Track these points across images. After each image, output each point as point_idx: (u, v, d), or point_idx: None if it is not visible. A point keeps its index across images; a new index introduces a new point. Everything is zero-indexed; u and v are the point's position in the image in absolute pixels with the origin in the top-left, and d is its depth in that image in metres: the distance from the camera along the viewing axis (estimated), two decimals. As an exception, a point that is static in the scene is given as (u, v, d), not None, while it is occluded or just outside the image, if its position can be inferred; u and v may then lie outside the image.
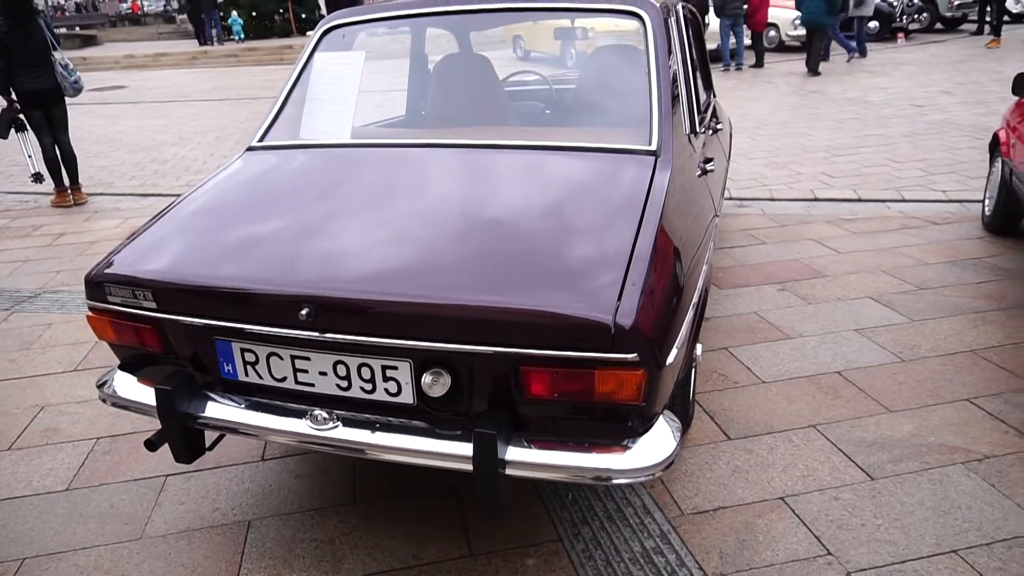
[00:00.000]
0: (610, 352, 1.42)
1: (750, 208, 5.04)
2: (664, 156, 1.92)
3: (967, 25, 15.44)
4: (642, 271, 1.52)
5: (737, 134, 7.26)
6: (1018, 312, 3.24)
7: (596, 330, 1.41)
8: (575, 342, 1.43)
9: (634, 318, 1.42)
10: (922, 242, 4.20)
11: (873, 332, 3.14)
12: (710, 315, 3.36)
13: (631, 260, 1.54)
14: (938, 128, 7.03)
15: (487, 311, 1.48)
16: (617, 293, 1.46)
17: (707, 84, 3.75)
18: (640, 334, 1.42)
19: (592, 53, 2.73)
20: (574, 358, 1.44)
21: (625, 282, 1.49)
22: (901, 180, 5.44)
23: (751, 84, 10.83)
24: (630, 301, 1.44)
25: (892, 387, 2.71)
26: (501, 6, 2.41)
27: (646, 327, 1.44)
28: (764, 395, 2.70)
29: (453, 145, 2.16)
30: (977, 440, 2.38)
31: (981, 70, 10.18)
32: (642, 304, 1.46)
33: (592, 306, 1.43)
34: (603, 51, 2.64)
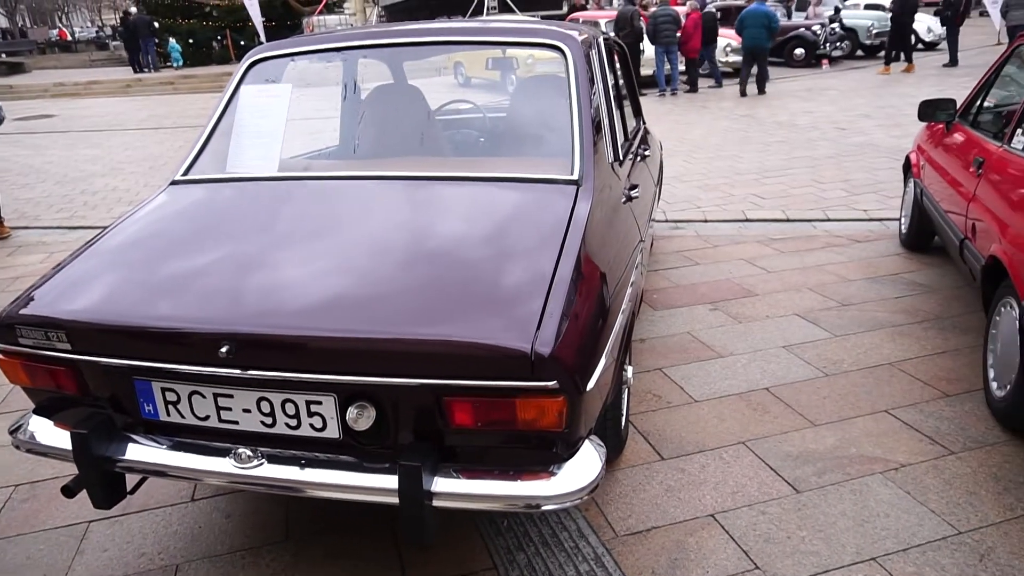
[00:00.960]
0: (530, 380, 1.44)
1: (685, 230, 5.18)
2: (586, 185, 1.97)
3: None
4: (561, 299, 1.56)
5: (672, 157, 7.47)
6: (931, 325, 3.41)
7: (515, 359, 1.44)
8: (495, 372, 1.46)
9: (553, 346, 1.45)
10: (845, 259, 4.38)
11: (799, 348, 3.26)
12: (645, 336, 3.44)
13: (551, 289, 1.58)
14: (859, 150, 7.37)
15: (408, 343, 1.49)
16: (536, 322, 1.49)
17: (636, 111, 3.87)
18: (559, 362, 1.45)
19: (520, 84, 2.79)
20: (495, 387, 1.46)
21: (544, 311, 1.52)
22: (826, 200, 5.68)
23: (686, 109, 11.17)
24: (549, 329, 1.48)
25: (817, 401, 2.81)
26: (427, 39, 2.45)
27: (565, 354, 1.47)
28: (696, 414, 2.76)
29: (379, 177, 2.17)
30: (894, 450, 2.49)
31: (898, 95, 10.73)
32: (561, 332, 1.49)
33: (511, 335, 1.46)
34: (530, 82, 2.71)
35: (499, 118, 3.22)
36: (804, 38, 15.47)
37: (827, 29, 15.57)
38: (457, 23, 2.77)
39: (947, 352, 3.15)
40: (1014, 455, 2.42)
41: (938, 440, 2.53)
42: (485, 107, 3.62)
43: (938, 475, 2.35)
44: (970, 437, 2.53)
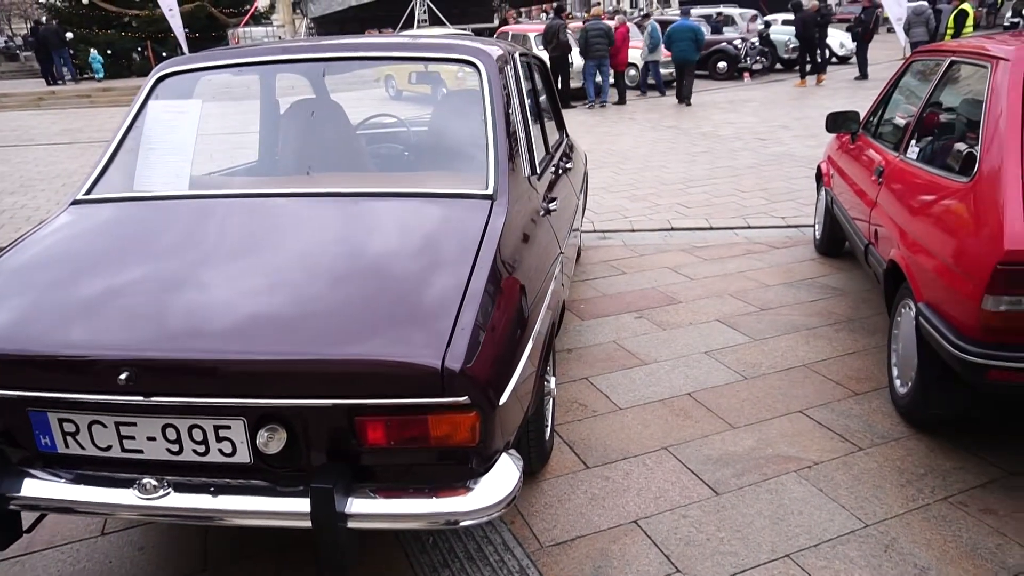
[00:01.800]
0: (441, 397, 1.44)
1: (612, 240, 5.27)
2: (500, 200, 1.99)
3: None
4: (473, 314, 1.56)
5: (601, 168, 7.61)
6: (843, 327, 3.57)
7: (425, 376, 1.44)
8: (406, 389, 1.45)
9: (463, 361, 1.45)
10: (764, 265, 4.54)
11: (720, 353, 3.35)
12: (572, 346, 3.48)
13: (462, 304, 1.58)
14: (778, 159, 7.67)
15: (317, 364, 1.47)
16: (447, 338, 1.49)
17: (559, 125, 3.93)
18: (470, 377, 1.46)
19: (440, 99, 2.80)
20: (406, 405, 1.46)
21: (456, 326, 1.52)
22: (747, 208, 5.88)
23: (615, 121, 11.41)
24: (460, 345, 1.48)
25: (736, 404, 2.90)
26: (341, 55, 2.43)
27: (476, 369, 1.48)
28: (621, 421, 2.81)
29: (293, 194, 2.14)
30: (808, 448, 2.58)
31: (813, 106, 11.22)
32: (472, 347, 1.49)
33: (421, 352, 1.46)
34: (449, 97, 2.72)
35: (421, 132, 3.22)
36: (726, 52, 16.04)
37: (748, 43, 16.19)
38: (372, 39, 2.76)
39: (856, 352, 3.29)
40: (915, 448, 2.55)
41: (848, 437, 2.64)
42: (408, 121, 3.61)
43: (848, 471, 2.45)
44: (877, 433, 2.65)
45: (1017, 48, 2.34)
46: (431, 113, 2.91)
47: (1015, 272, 1.95)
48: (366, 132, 3.41)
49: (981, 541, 2.09)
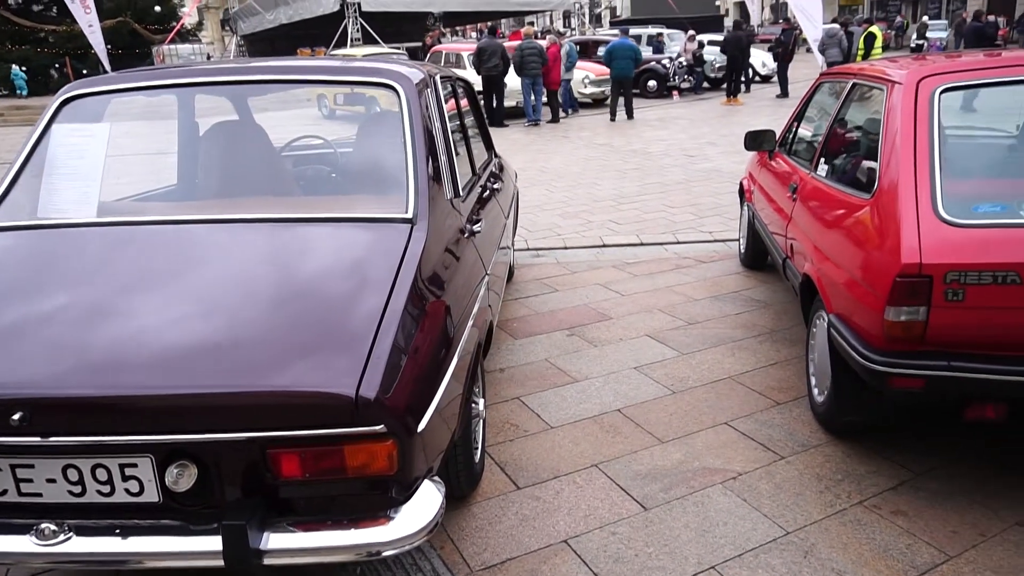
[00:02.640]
0: (356, 426, 1.42)
1: (546, 257, 5.32)
2: (420, 223, 1.98)
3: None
4: (390, 340, 1.55)
5: (535, 186, 7.69)
6: (766, 338, 3.68)
7: (339, 405, 1.41)
8: (320, 419, 1.42)
9: (379, 389, 1.44)
10: (692, 280, 4.66)
11: (649, 368, 3.41)
12: (505, 365, 3.48)
13: (379, 330, 1.57)
14: (706, 175, 7.90)
15: (226, 397, 1.43)
16: (362, 365, 1.47)
17: (487, 145, 3.96)
18: (386, 404, 1.44)
19: (364, 123, 2.78)
20: (321, 436, 1.43)
21: (371, 353, 1.50)
22: (676, 224, 6.03)
23: (549, 139, 11.56)
24: (375, 372, 1.46)
25: (664, 419, 2.95)
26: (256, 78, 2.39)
27: (393, 397, 1.46)
28: (552, 440, 2.82)
29: (208, 221, 2.08)
30: (733, 460, 2.65)
31: (739, 123, 11.62)
32: (388, 373, 1.48)
33: (335, 381, 1.44)
34: (372, 120, 2.71)
35: (346, 154, 3.19)
36: (656, 71, 16.49)
37: (676, 63, 16.69)
38: (290, 62, 2.73)
39: (779, 363, 3.40)
40: (833, 455, 2.64)
41: (770, 447, 2.71)
42: (335, 142, 3.58)
43: (770, 480, 2.52)
44: (797, 441, 2.74)
45: (910, 72, 2.48)
46: (355, 136, 2.88)
47: (912, 284, 2.06)
48: (292, 154, 3.37)
49: (893, 542, 2.18)
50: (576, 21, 32.59)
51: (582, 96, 15.23)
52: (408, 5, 23.49)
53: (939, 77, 2.43)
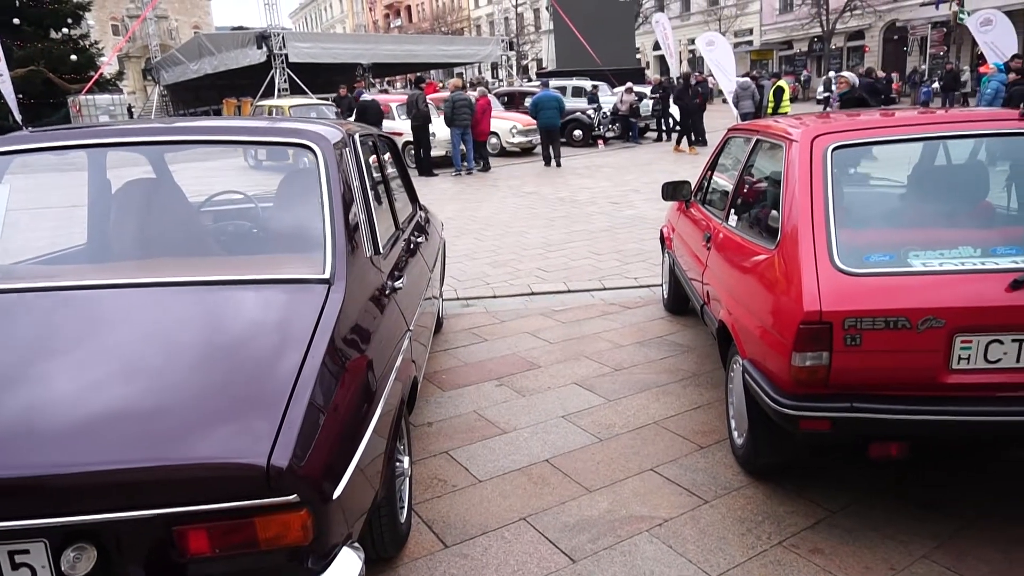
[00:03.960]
0: (268, 497, 1.38)
1: (475, 307, 5.34)
2: (338, 284, 1.98)
3: (651, 133, 18.35)
4: (303, 405, 1.53)
5: (463, 236, 7.75)
6: (689, 382, 3.78)
7: (250, 476, 1.38)
8: (229, 492, 1.38)
9: (291, 457, 1.41)
10: (618, 326, 4.75)
11: (577, 416, 3.44)
12: (433, 419, 3.45)
13: (292, 395, 1.54)
14: (631, 222, 8.14)
15: (128, 473, 1.37)
16: (273, 433, 1.44)
17: (411, 198, 3.99)
18: (299, 473, 1.41)
19: (282, 181, 2.77)
20: (230, 509, 1.38)
21: (284, 420, 1.48)
22: (602, 270, 6.17)
23: (478, 188, 11.71)
24: (287, 439, 1.44)
25: (592, 467, 2.97)
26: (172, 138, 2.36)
27: (306, 464, 1.44)
28: (481, 494, 2.80)
29: (116, 285, 2.02)
30: (659, 506, 2.68)
31: (662, 171, 12.06)
32: (301, 440, 1.45)
33: (244, 450, 1.40)
34: (290, 179, 2.69)
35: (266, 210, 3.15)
36: (581, 121, 17.03)
37: (600, 113, 17.29)
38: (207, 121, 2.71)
39: (701, 406, 3.49)
40: (754, 496, 2.71)
41: (695, 491, 2.77)
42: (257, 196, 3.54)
43: (695, 525, 2.56)
44: (720, 484, 2.81)
45: (804, 131, 2.66)
46: (275, 194, 2.86)
47: (814, 330, 2.17)
48: (211, 209, 3.31)
49: (811, 582, 2.24)
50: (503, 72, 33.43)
51: (510, 145, 15.55)
52: (336, 56, 23.64)
53: (831, 135, 2.61)
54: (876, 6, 34.47)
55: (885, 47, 36.33)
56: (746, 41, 41.55)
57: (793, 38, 39.00)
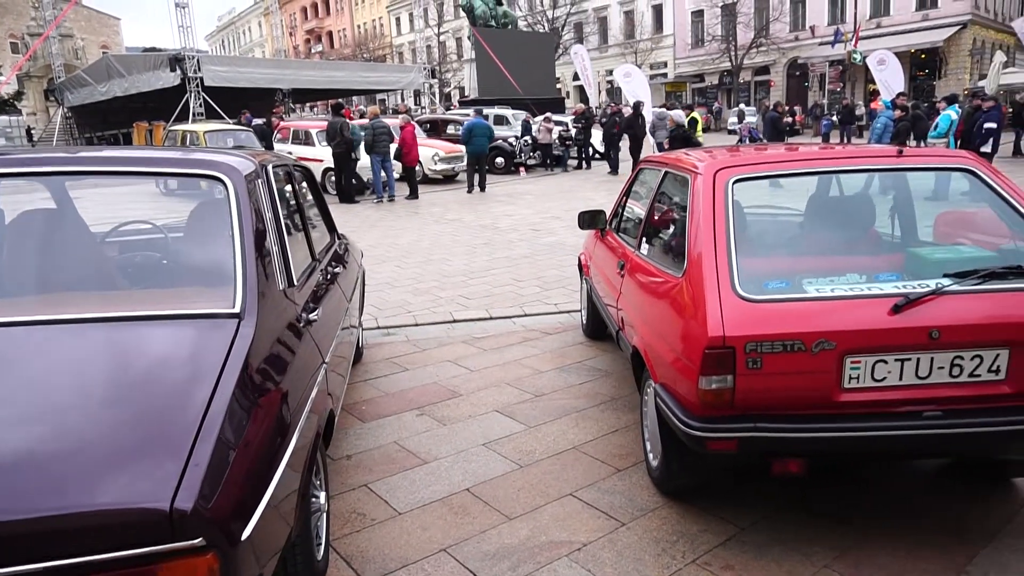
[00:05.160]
0: (171, 542, 1.34)
1: (396, 336, 5.30)
2: (248, 318, 1.94)
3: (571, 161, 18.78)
4: (211, 445, 1.49)
5: (385, 264, 7.70)
6: (607, 406, 3.87)
7: (152, 521, 1.33)
8: (133, 538, 1.33)
9: (195, 499, 1.37)
10: (539, 352, 4.82)
11: (498, 444, 3.46)
12: (352, 451, 3.40)
13: (198, 435, 1.50)
14: (551, 249, 8.29)
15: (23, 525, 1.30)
16: (178, 475, 1.40)
17: (329, 228, 3.95)
18: (203, 515, 1.37)
19: (192, 213, 2.70)
20: (133, 557, 1.33)
21: (189, 461, 1.44)
22: (523, 297, 6.25)
23: (399, 215, 11.67)
24: (192, 481, 1.40)
25: (512, 495, 2.99)
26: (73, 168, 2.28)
27: (213, 506, 1.40)
28: (401, 527, 2.77)
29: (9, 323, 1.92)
30: (577, 531, 2.72)
31: (581, 198, 12.37)
32: (207, 482, 1.42)
33: (146, 494, 1.35)
34: (200, 211, 2.62)
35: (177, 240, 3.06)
36: (503, 149, 17.27)
37: (521, 141, 17.58)
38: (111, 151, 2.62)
39: (619, 430, 3.58)
40: (669, 517, 2.79)
41: (612, 514, 2.82)
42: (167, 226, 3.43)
43: (612, 548, 2.61)
44: (637, 506, 2.88)
45: (708, 164, 2.80)
46: (184, 225, 2.79)
47: (719, 355, 2.27)
48: (117, 240, 3.18)
49: (722, 598, 2.32)
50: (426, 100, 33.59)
51: (432, 173, 15.60)
52: (254, 81, 23.19)
53: (733, 169, 2.76)
54: (780, 44, 36.67)
55: (789, 82, 38.62)
56: (661, 73, 43.30)
57: (705, 71, 40.92)
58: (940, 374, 2.32)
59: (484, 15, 29.46)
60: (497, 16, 29.99)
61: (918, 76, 33.38)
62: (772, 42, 36.57)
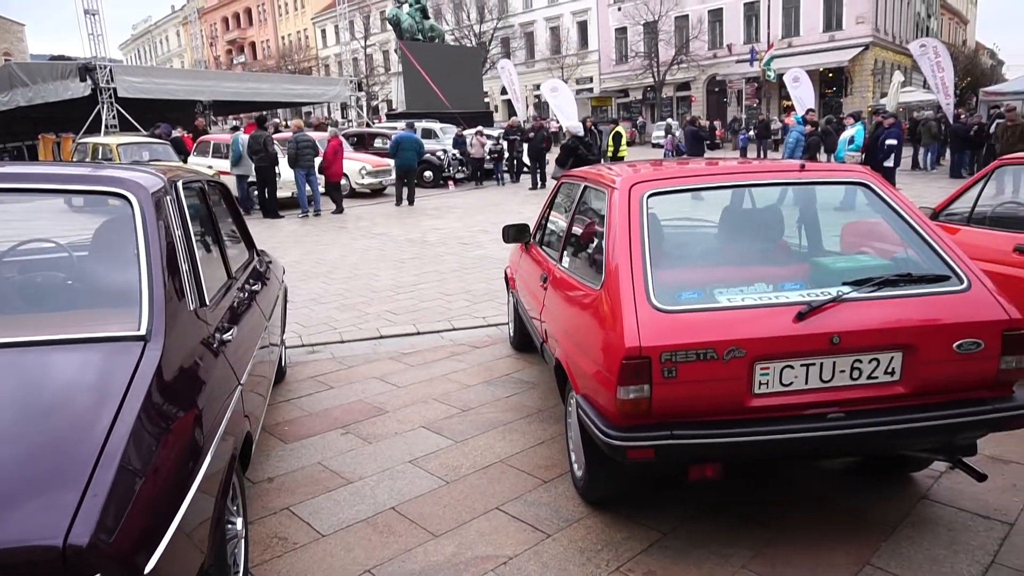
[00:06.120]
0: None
1: (321, 353, 5.20)
2: (155, 341, 1.87)
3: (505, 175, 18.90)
4: (110, 475, 1.43)
5: (310, 280, 7.55)
6: (534, 418, 3.90)
7: (45, 560, 1.26)
8: None
9: (92, 532, 1.31)
10: (467, 366, 4.81)
11: (424, 460, 3.43)
12: (273, 474, 3.31)
13: (97, 464, 1.44)
14: (479, 262, 8.30)
15: None
16: (74, 507, 1.33)
17: (248, 244, 3.85)
18: (101, 549, 1.31)
19: (96, 231, 2.58)
20: (24, 597, 1.26)
21: (86, 492, 1.37)
22: (451, 311, 6.23)
23: (326, 230, 11.47)
24: (89, 513, 1.33)
25: (438, 511, 2.97)
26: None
27: (113, 540, 1.34)
28: (323, 550, 2.71)
29: None
30: (503, 544, 2.73)
31: (509, 211, 12.47)
32: (106, 512, 1.36)
33: (38, 531, 1.29)
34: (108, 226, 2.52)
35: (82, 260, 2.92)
36: (431, 163, 17.22)
37: (449, 155, 17.60)
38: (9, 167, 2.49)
39: (545, 441, 3.61)
40: (594, 526, 2.83)
41: (538, 526, 2.84)
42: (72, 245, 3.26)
43: (538, 560, 2.63)
44: (562, 517, 2.90)
45: (624, 178, 2.88)
46: (89, 243, 2.66)
47: (636, 365, 2.33)
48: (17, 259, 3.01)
49: (644, 604, 2.36)
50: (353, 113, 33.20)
51: (360, 187, 15.43)
52: (172, 93, 22.40)
53: (647, 183, 2.85)
54: (699, 61, 38.03)
55: (709, 98, 40.08)
56: (587, 88, 44.19)
57: (629, 87, 42.00)
58: (842, 377, 2.44)
59: (411, 29, 29.42)
60: (424, 30, 30.00)
61: (827, 93, 35.22)
62: (692, 59, 37.89)
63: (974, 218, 4.45)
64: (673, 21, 38.65)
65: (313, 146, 12.85)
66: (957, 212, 4.62)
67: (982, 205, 4.46)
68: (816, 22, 35.40)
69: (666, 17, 37.88)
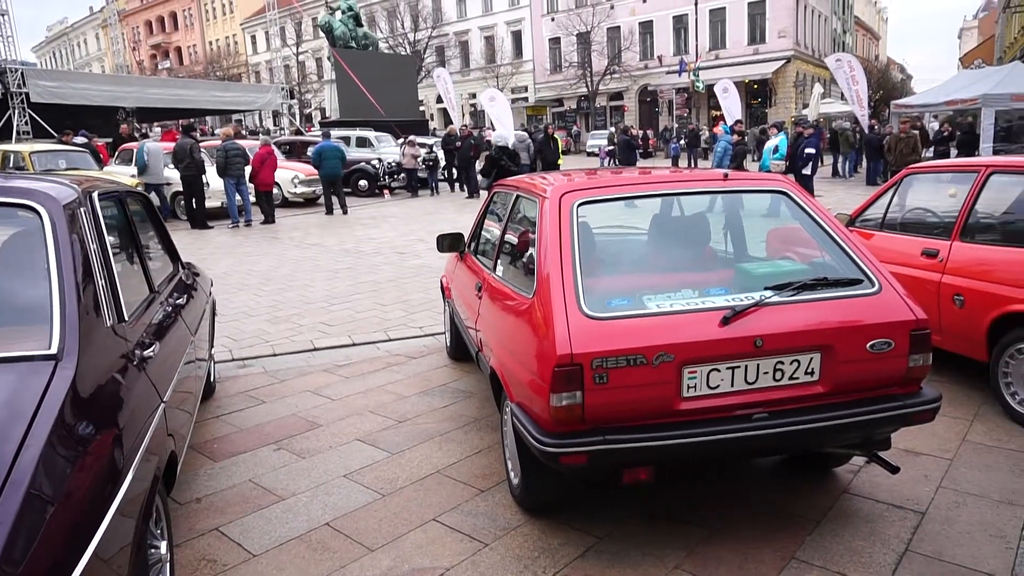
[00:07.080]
0: (-32, 616, 1.20)
1: (252, 367, 5.06)
2: (67, 359, 1.79)
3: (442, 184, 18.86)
4: (16, 501, 1.35)
5: (241, 292, 7.34)
6: (471, 428, 3.89)
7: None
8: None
9: (-6, 567, 1.24)
10: (403, 377, 4.77)
11: (359, 474, 3.38)
12: (202, 494, 3.20)
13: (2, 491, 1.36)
14: (416, 272, 8.24)
15: None
16: (-25, 540, 1.26)
17: (172, 257, 3.73)
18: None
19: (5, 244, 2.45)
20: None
21: (-10, 522, 1.30)
22: (388, 321, 6.17)
23: (258, 240, 11.18)
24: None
25: (374, 525, 2.93)
26: None
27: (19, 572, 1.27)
28: (255, 570, 2.63)
29: None
30: (440, 556, 2.71)
31: (445, 220, 12.42)
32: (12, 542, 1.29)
33: (-65, 567, 1.21)
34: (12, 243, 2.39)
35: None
36: (366, 171, 17.04)
37: (385, 163, 17.44)
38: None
39: (482, 451, 3.60)
40: (531, 533, 2.85)
41: (475, 536, 2.84)
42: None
43: (475, 569, 2.62)
44: (499, 526, 2.90)
45: (554, 188, 2.92)
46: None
47: (568, 372, 2.36)
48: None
49: (580, 609, 2.39)
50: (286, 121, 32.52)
51: (292, 196, 15.13)
52: (90, 98, 21.44)
53: (577, 192, 2.89)
54: (631, 72, 38.89)
55: (641, 107, 41.00)
56: (522, 97, 44.55)
57: (563, 96, 42.56)
58: (765, 379, 2.53)
59: (344, 36, 29.05)
60: (357, 37, 29.67)
61: (752, 104, 36.53)
62: (624, 70, 38.70)
63: (886, 224, 4.70)
64: (606, 32, 39.39)
65: (243, 154, 12.53)
66: (871, 218, 4.86)
67: (892, 212, 4.71)
68: (741, 35, 36.72)
69: (599, 28, 38.59)
